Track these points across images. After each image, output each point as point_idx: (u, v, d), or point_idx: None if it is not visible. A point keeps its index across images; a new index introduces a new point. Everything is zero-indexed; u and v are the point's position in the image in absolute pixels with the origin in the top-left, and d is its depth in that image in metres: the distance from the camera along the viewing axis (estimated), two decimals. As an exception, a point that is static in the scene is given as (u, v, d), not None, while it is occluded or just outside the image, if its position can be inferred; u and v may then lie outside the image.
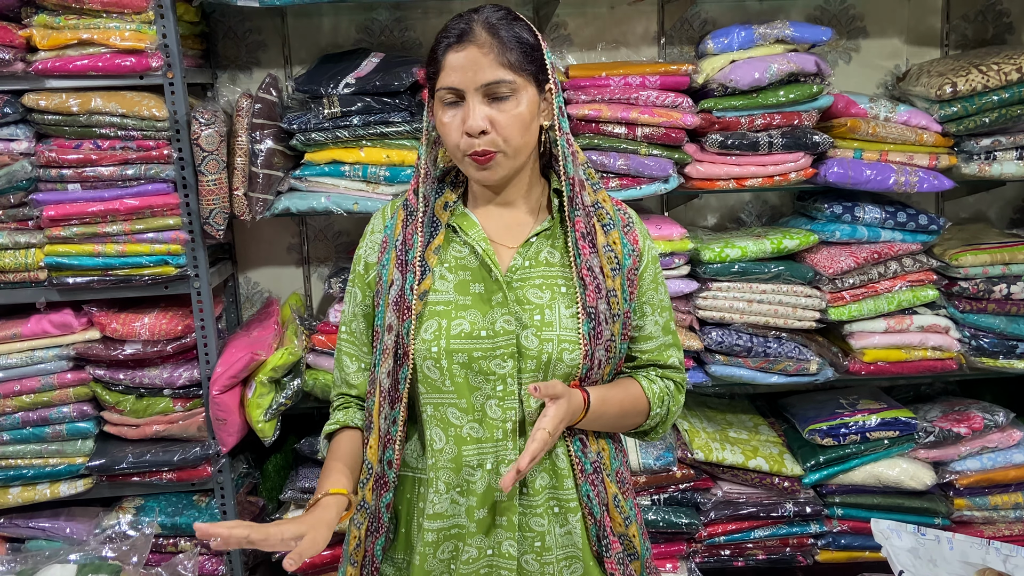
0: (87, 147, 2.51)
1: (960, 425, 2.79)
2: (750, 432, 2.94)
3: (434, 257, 1.56)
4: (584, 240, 1.54)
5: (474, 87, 1.45)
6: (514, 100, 1.47)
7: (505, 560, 1.55)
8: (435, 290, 1.54)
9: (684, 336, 2.72)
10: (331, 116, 2.59)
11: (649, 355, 1.66)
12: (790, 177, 2.71)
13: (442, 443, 1.54)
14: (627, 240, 1.60)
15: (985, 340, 2.78)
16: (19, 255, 2.56)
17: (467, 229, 1.57)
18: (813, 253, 2.79)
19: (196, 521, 2.68)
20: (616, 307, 1.55)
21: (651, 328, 1.65)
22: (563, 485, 1.57)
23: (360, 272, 1.65)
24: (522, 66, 1.47)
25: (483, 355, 1.51)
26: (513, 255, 1.57)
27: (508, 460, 1.52)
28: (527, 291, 1.54)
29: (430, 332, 1.52)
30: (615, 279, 1.56)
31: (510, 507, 1.54)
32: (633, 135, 2.65)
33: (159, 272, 2.59)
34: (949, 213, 3.18)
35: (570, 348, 1.52)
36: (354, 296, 1.66)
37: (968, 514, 2.84)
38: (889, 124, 2.70)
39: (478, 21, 1.47)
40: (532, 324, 1.52)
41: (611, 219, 1.59)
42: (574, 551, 1.59)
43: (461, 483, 1.55)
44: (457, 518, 1.56)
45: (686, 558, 2.84)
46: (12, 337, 2.61)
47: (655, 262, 1.65)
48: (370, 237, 1.65)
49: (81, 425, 2.69)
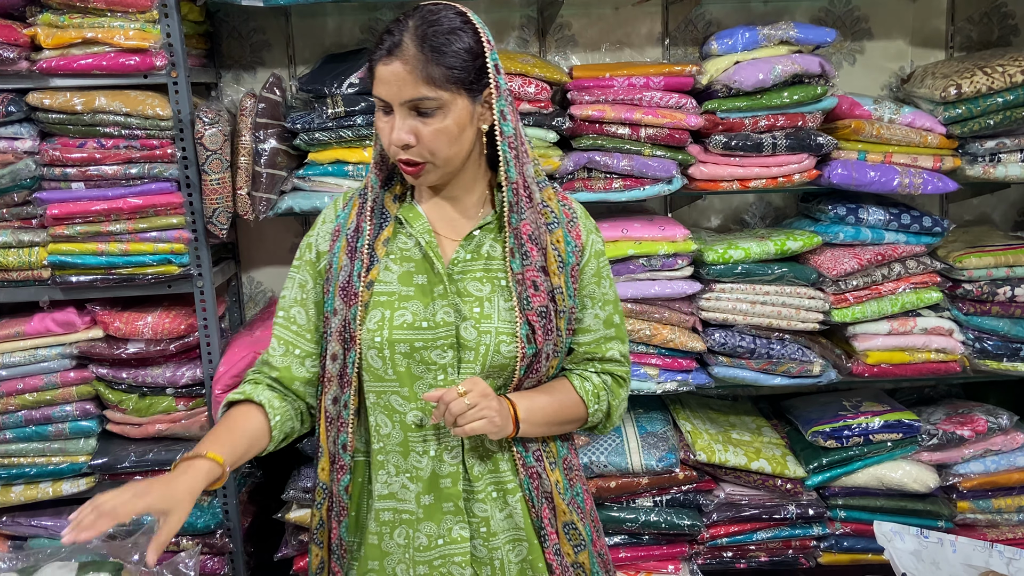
0: (91, 146, 2.51)
1: (963, 428, 2.79)
2: (753, 434, 2.94)
3: (382, 248, 1.59)
4: (531, 241, 1.56)
5: (399, 102, 1.46)
6: (440, 115, 1.47)
7: (457, 545, 1.59)
8: (380, 280, 1.58)
9: (687, 337, 2.72)
10: (335, 116, 2.59)
11: (586, 347, 1.69)
12: (794, 179, 2.71)
13: (388, 428, 1.59)
14: (570, 237, 1.63)
15: (989, 342, 2.77)
16: (23, 253, 2.56)
17: (412, 221, 1.59)
18: (817, 255, 2.78)
19: (198, 520, 2.69)
20: (562, 303, 1.59)
21: (590, 321, 1.68)
22: (499, 468, 1.61)
23: (311, 259, 1.66)
24: (450, 80, 1.45)
25: (424, 345, 1.55)
26: (456, 248, 1.60)
27: (451, 447, 1.57)
28: (468, 284, 1.58)
29: (374, 322, 1.56)
30: (560, 276, 1.59)
31: (454, 493, 1.58)
32: (637, 136, 2.64)
33: (162, 271, 2.59)
34: (953, 215, 3.18)
35: (507, 340, 1.55)
36: (301, 283, 1.67)
37: (971, 517, 2.84)
38: (893, 126, 2.70)
39: (409, 31, 1.45)
40: (471, 316, 1.56)
41: (556, 217, 1.62)
42: (517, 533, 1.63)
43: (410, 468, 1.59)
44: (407, 503, 1.60)
45: (688, 560, 2.84)
46: (15, 335, 2.61)
47: (598, 256, 1.67)
48: (321, 226, 1.67)
49: (84, 424, 2.69)
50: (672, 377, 2.76)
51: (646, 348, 2.74)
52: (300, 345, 1.66)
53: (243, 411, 1.62)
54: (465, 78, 1.47)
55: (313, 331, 1.66)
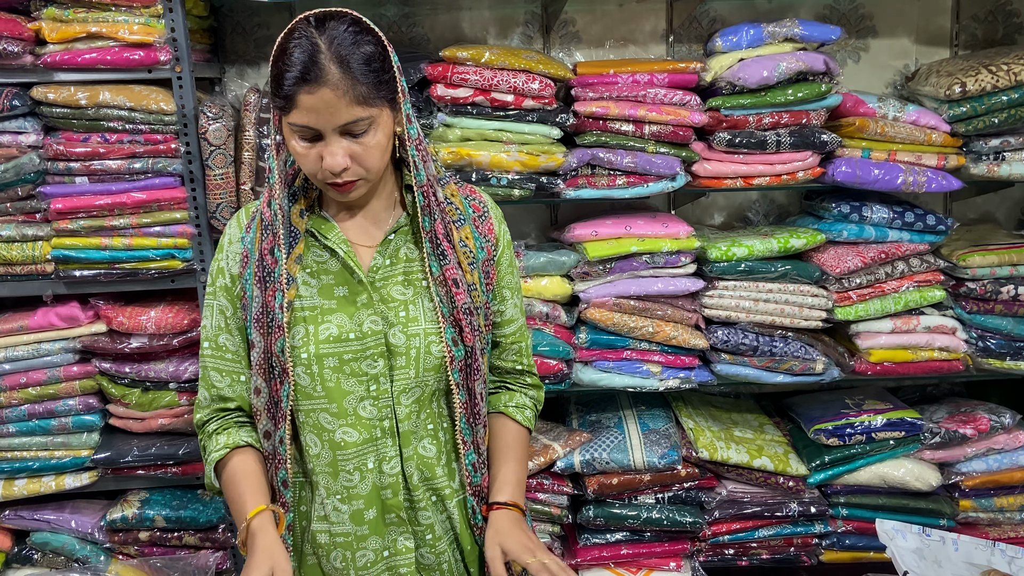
0: (95, 140, 2.51)
1: (966, 426, 2.79)
2: (755, 431, 2.94)
3: (296, 266, 1.54)
4: (445, 240, 1.55)
5: (331, 128, 1.41)
6: (372, 131, 1.44)
7: (403, 556, 1.59)
8: (299, 296, 1.54)
9: (690, 335, 2.72)
10: (338, 111, 2.59)
11: (512, 338, 1.71)
12: (798, 176, 2.70)
13: (317, 448, 1.56)
14: (479, 232, 1.62)
15: (992, 341, 2.77)
16: (26, 248, 2.56)
17: (326, 233, 1.56)
18: (820, 252, 2.78)
19: (200, 515, 2.70)
20: (478, 299, 1.58)
21: (511, 312, 1.70)
22: (435, 474, 1.60)
23: (226, 284, 1.61)
24: (375, 95, 1.42)
25: (353, 357, 1.53)
26: (373, 254, 1.57)
27: (389, 457, 1.55)
28: (391, 289, 1.56)
29: (298, 339, 1.52)
30: (472, 273, 1.58)
31: (396, 504, 1.57)
32: (640, 133, 2.64)
33: (166, 266, 2.59)
34: (957, 214, 3.17)
35: (437, 341, 1.54)
36: (221, 309, 1.61)
37: (973, 515, 2.84)
38: (898, 124, 2.69)
39: (326, 55, 1.38)
40: (398, 321, 1.54)
41: (461, 214, 1.60)
42: (452, 535, 1.64)
43: (341, 489, 1.56)
44: (343, 525, 1.57)
45: (690, 557, 2.84)
46: (19, 329, 2.62)
47: (510, 246, 1.69)
48: (228, 248, 1.62)
49: (87, 418, 2.69)
50: (675, 374, 2.76)
51: (649, 345, 2.74)
52: (241, 372, 1.62)
53: (240, 461, 1.60)
54: (385, 92, 1.44)
55: (246, 357, 1.62)
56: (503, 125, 2.59)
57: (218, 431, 1.63)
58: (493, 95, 2.55)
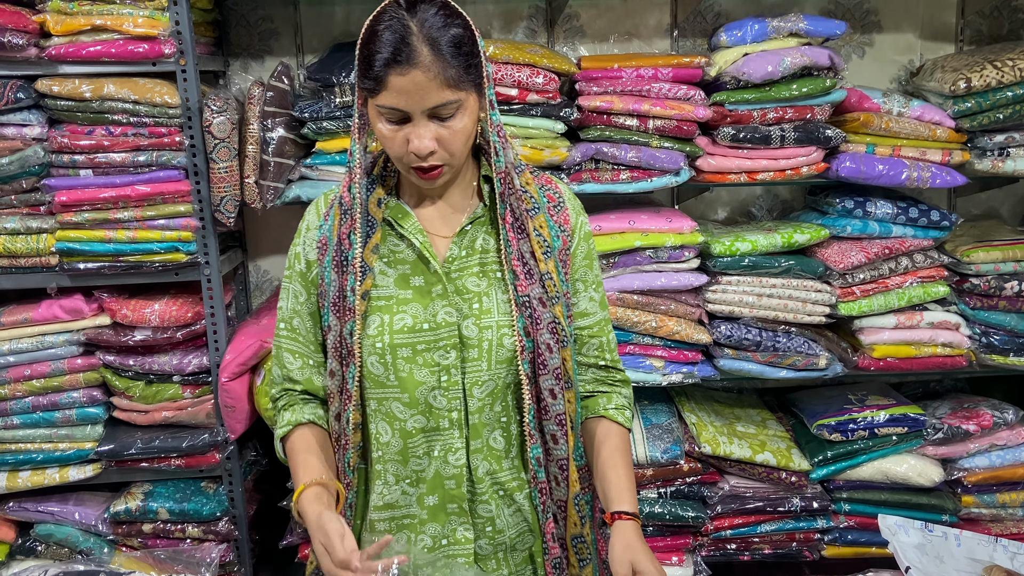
0: (99, 133, 2.51)
1: (969, 422, 2.79)
2: (758, 426, 2.94)
3: (372, 256, 1.55)
4: (513, 229, 1.54)
5: (420, 110, 1.41)
6: (459, 116, 1.44)
7: (460, 545, 1.58)
8: (376, 285, 1.55)
9: (693, 329, 2.72)
10: (343, 105, 2.59)
11: (589, 331, 1.68)
12: (802, 171, 2.70)
13: (388, 436, 1.57)
14: (555, 221, 1.60)
15: (995, 337, 2.77)
16: (31, 240, 2.56)
17: (403, 222, 1.56)
18: (824, 248, 2.78)
19: (204, 507, 2.70)
20: (553, 290, 1.55)
21: (586, 304, 1.66)
22: (502, 467, 1.59)
23: (301, 270, 1.63)
24: (464, 78, 1.42)
25: (427, 347, 1.53)
26: (449, 245, 1.57)
27: (455, 448, 1.55)
28: (465, 280, 1.56)
29: (373, 328, 1.53)
30: (548, 262, 1.56)
31: (459, 495, 1.57)
32: (645, 127, 2.64)
33: (170, 259, 2.59)
34: (961, 210, 3.17)
35: (509, 334, 1.54)
36: (296, 294, 1.63)
37: (976, 511, 2.84)
38: (902, 119, 2.69)
39: (417, 36, 1.38)
40: (472, 313, 1.53)
41: (536, 203, 1.58)
42: (525, 526, 1.62)
43: (410, 474, 1.57)
44: (409, 508, 1.59)
45: (692, 551, 2.84)
46: (23, 322, 2.62)
47: (588, 239, 1.66)
48: (306, 234, 1.63)
49: (91, 410, 2.70)
50: (677, 369, 2.76)
51: (652, 340, 2.73)
52: (310, 355, 1.65)
53: (302, 435, 1.61)
54: (473, 76, 1.44)
55: (316, 342, 1.64)
56: (507, 119, 2.59)
57: (285, 407, 1.66)
58: (497, 89, 2.55)
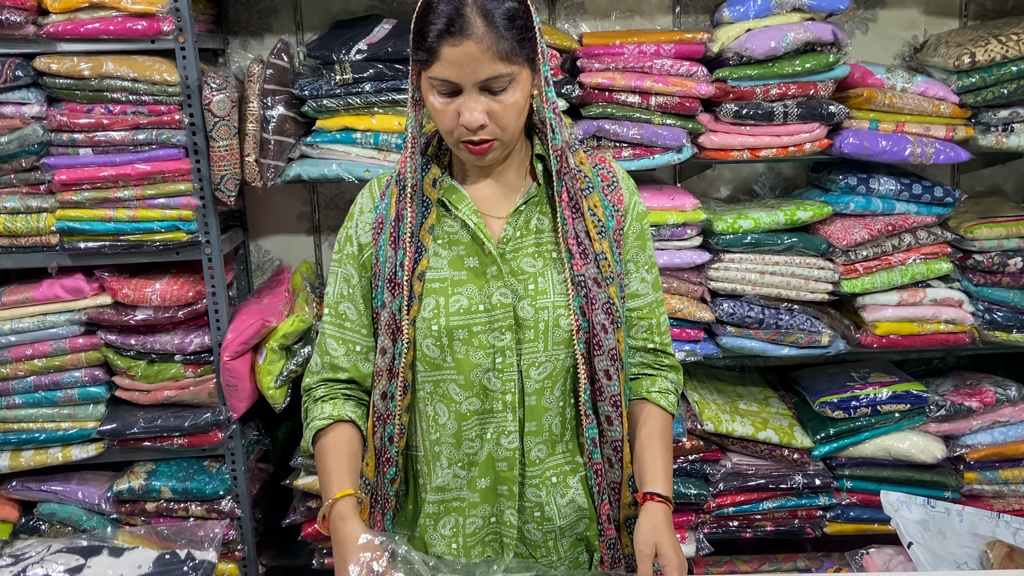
0: (98, 111, 2.50)
1: (972, 399, 2.78)
2: (760, 404, 2.94)
3: (428, 236, 1.53)
4: (568, 208, 1.52)
5: (472, 83, 1.39)
6: (511, 89, 1.42)
7: (507, 528, 1.57)
8: (431, 268, 1.53)
9: (695, 307, 2.71)
10: (343, 83, 2.57)
11: (639, 313, 1.65)
12: (805, 148, 2.69)
13: (445, 418, 1.55)
14: (609, 201, 1.59)
15: (999, 314, 2.76)
16: (31, 219, 2.56)
17: (456, 203, 1.54)
18: (827, 225, 2.77)
19: (207, 486, 2.70)
20: (608, 270, 1.54)
21: (637, 285, 1.64)
22: (555, 451, 1.58)
23: (352, 252, 1.60)
24: (517, 52, 1.40)
25: (482, 329, 1.51)
26: (503, 225, 1.55)
27: (508, 431, 1.53)
28: (520, 261, 1.54)
29: (428, 310, 1.52)
30: (602, 242, 1.54)
31: (510, 477, 1.55)
32: (647, 104, 2.62)
33: (170, 238, 2.59)
34: (965, 186, 3.15)
35: (565, 314, 1.52)
36: (346, 278, 1.61)
37: (978, 488, 2.84)
38: (906, 95, 2.67)
39: (471, 8, 1.37)
40: (527, 294, 1.52)
41: (590, 182, 1.56)
42: (579, 513, 1.61)
43: (462, 457, 1.56)
44: (460, 491, 1.57)
45: (694, 529, 2.85)
46: (24, 301, 2.62)
47: (641, 219, 1.63)
48: (359, 217, 1.61)
49: (93, 390, 2.70)
50: (680, 347, 2.75)
51: (654, 318, 2.73)
52: (359, 341, 1.62)
53: (340, 435, 1.59)
54: (526, 51, 1.42)
55: (367, 326, 1.62)
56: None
57: (324, 398, 1.63)
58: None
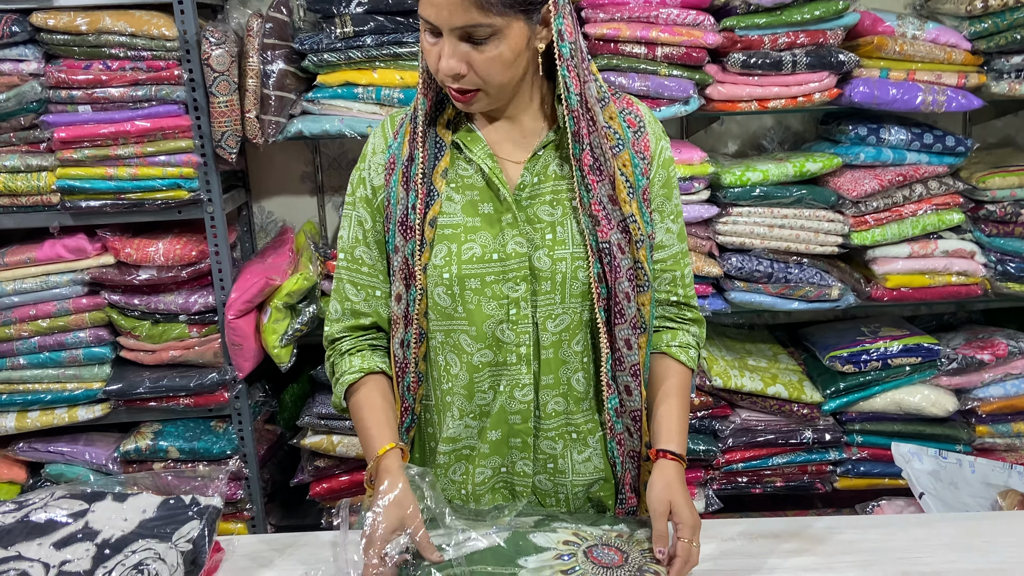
0: (97, 68, 2.47)
1: (984, 352, 2.76)
2: (769, 360, 2.91)
3: (441, 180, 1.48)
4: (592, 173, 1.44)
5: (448, 27, 1.33)
6: (494, 42, 1.34)
7: (519, 478, 1.55)
8: (443, 213, 1.47)
9: (703, 262, 2.68)
10: (343, 36, 2.54)
11: (663, 264, 1.57)
12: (814, 98, 2.64)
13: (457, 369, 1.51)
14: (635, 150, 1.50)
15: (1011, 264, 2.73)
16: (31, 178, 2.54)
17: (471, 146, 1.48)
18: (836, 177, 2.73)
19: (214, 446, 2.70)
20: (638, 233, 1.47)
21: (662, 236, 1.56)
22: (579, 408, 1.53)
23: (366, 196, 1.55)
24: (504, 3, 1.30)
25: (496, 279, 1.46)
26: (520, 171, 1.48)
27: (522, 384, 1.49)
28: (537, 209, 1.47)
29: (440, 258, 1.46)
30: (631, 203, 1.46)
31: (524, 430, 1.51)
32: (653, 55, 2.58)
33: (172, 196, 2.56)
34: (976, 137, 3.09)
35: (584, 267, 1.45)
36: (360, 220, 1.55)
37: (990, 441, 2.82)
38: (917, 42, 2.62)
39: None
40: (544, 244, 1.46)
41: (620, 139, 1.48)
42: (597, 476, 1.57)
43: (474, 409, 1.52)
44: (470, 440, 1.54)
45: (704, 485, 2.84)
46: (27, 261, 2.60)
47: (667, 166, 1.55)
48: (371, 158, 1.55)
49: (97, 350, 2.68)
50: (688, 302, 2.73)
51: (662, 273, 2.70)
52: (378, 287, 1.57)
53: (374, 389, 1.54)
54: (518, 2, 1.34)
55: (384, 271, 1.56)
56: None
57: (352, 351, 1.58)
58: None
